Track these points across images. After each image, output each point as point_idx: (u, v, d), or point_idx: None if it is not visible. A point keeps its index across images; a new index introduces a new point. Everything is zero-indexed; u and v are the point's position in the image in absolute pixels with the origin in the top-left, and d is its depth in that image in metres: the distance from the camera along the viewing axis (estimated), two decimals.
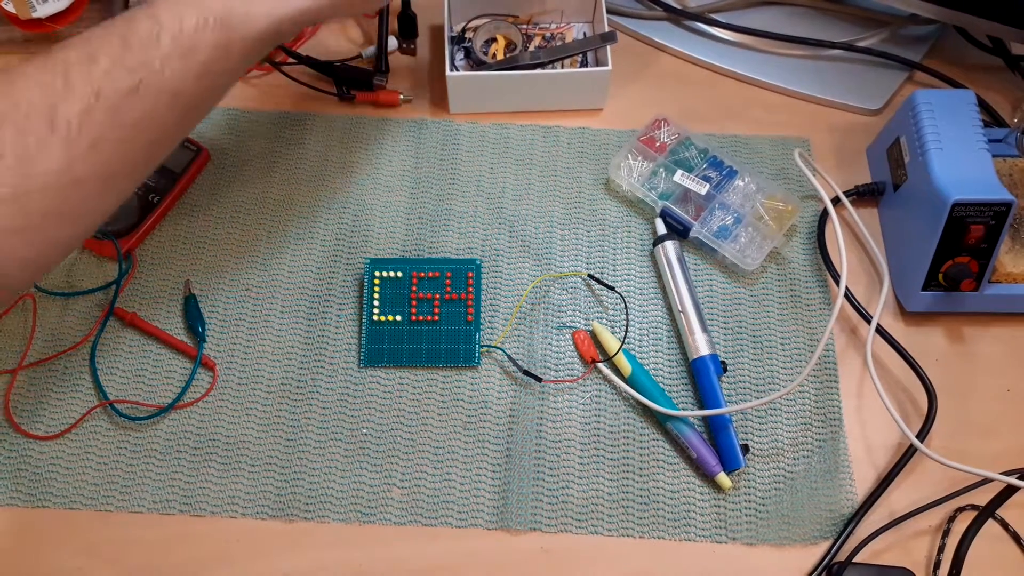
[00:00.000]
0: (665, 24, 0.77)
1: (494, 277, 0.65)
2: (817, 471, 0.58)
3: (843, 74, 0.74)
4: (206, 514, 0.56)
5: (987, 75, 0.75)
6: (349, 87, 0.72)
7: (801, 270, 0.65)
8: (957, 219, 0.58)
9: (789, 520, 0.56)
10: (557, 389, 0.60)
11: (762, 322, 0.63)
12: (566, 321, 0.63)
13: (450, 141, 0.71)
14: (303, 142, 0.70)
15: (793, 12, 0.77)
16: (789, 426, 0.60)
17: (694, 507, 0.57)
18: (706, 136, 0.70)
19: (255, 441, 0.58)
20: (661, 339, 0.62)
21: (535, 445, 0.59)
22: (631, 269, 0.65)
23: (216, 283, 0.64)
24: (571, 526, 0.56)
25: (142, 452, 0.58)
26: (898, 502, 0.57)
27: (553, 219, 0.67)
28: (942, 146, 0.60)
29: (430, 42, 0.76)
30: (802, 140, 0.71)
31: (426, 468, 0.58)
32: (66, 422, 0.58)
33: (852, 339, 0.63)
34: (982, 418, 0.60)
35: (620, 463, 0.58)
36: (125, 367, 0.61)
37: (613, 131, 0.71)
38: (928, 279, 0.60)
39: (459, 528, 0.56)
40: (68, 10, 0.70)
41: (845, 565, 0.54)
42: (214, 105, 0.51)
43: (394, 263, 0.64)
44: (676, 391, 0.61)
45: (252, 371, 0.61)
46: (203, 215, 0.67)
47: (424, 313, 0.62)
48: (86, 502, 0.56)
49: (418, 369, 0.61)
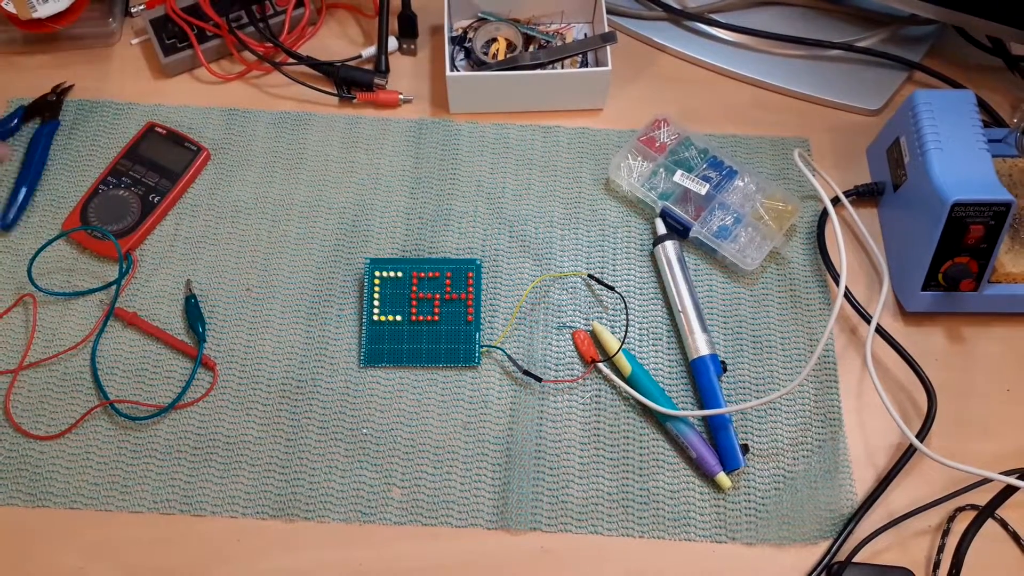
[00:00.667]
0: (665, 24, 0.77)
1: (494, 277, 0.65)
2: (817, 471, 0.58)
3: (843, 74, 0.74)
4: (206, 514, 0.56)
5: (987, 75, 0.75)
6: (349, 87, 0.72)
7: (801, 270, 0.65)
8: (957, 219, 0.58)
9: (789, 520, 0.56)
10: (557, 389, 0.60)
11: (762, 322, 0.63)
12: (566, 321, 0.63)
13: (450, 141, 0.71)
14: (303, 142, 0.70)
15: (793, 12, 0.77)
16: (789, 426, 0.60)
17: (694, 507, 0.57)
18: (706, 136, 0.70)
19: (255, 441, 0.58)
20: (661, 339, 0.63)
21: (535, 445, 0.59)
22: (631, 269, 0.65)
23: (216, 283, 0.64)
24: (571, 526, 0.56)
25: (142, 452, 0.58)
26: (898, 502, 0.57)
27: (553, 219, 0.67)
28: (942, 146, 0.60)
29: (430, 42, 0.76)
30: (802, 140, 0.71)
31: (426, 468, 0.58)
32: (66, 422, 0.58)
33: (852, 339, 0.63)
34: (982, 418, 0.60)
35: (620, 463, 0.58)
36: (125, 367, 0.61)
37: (613, 131, 0.71)
38: (928, 279, 0.60)
39: (459, 528, 0.56)
40: (68, 10, 0.70)
41: (845, 565, 0.54)
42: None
43: (394, 263, 0.64)
44: (676, 391, 0.61)
45: (252, 371, 0.61)
46: (203, 215, 0.67)
47: (424, 313, 0.62)
48: (86, 502, 0.56)
49: (418, 369, 0.61)
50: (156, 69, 0.73)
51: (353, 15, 0.78)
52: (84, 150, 0.69)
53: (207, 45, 0.72)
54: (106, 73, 0.73)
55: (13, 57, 0.74)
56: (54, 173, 0.68)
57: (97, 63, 0.74)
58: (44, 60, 0.74)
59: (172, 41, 0.72)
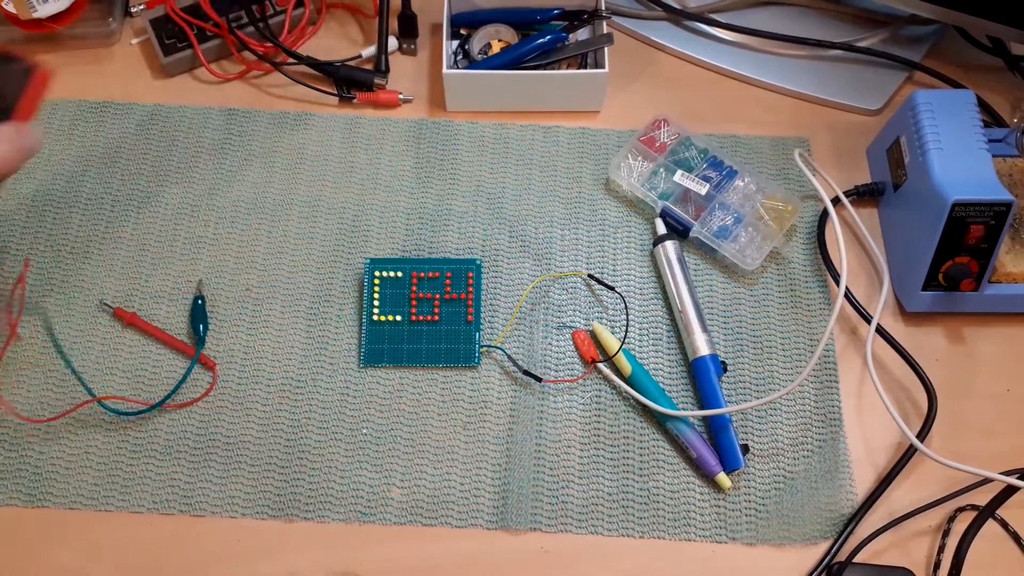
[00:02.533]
0: (665, 24, 0.77)
1: (494, 277, 0.64)
2: (817, 471, 0.58)
3: (843, 74, 0.74)
4: (206, 514, 0.56)
5: (987, 75, 0.75)
6: (349, 87, 0.72)
7: (801, 270, 0.65)
8: (957, 219, 0.58)
9: (789, 520, 0.56)
10: (557, 389, 0.60)
11: (762, 322, 0.63)
12: (566, 321, 0.63)
13: (450, 141, 0.71)
14: (303, 142, 0.70)
15: (793, 12, 0.77)
16: (789, 426, 0.60)
17: (694, 507, 0.57)
18: (706, 136, 0.70)
19: (255, 441, 0.58)
20: (661, 339, 0.62)
21: (535, 445, 0.59)
22: (631, 269, 0.65)
23: (216, 283, 0.64)
24: (571, 526, 0.56)
25: (142, 452, 0.58)
26: (898, 502, 0.57)
27: (553, 219, 0.67)
28: (942, 146, 0.60)
29: (430, 42, 0.76)
30: (802, 140, 0.71)
31: (426, 468, 0.58)
32: (64, 420, 0.58)
33: (852, 339, 0.63)
34: (982, 418, 0.60)
35: (620, 463, 0.58)
36: (125, 367, 0.61)
37: (613, 131, 0.71)
38: (928, 279, 0.60)
39: (459, 528, 0.56)
40: (68, 10, 0.70)
41: (845, 565, 0.54)
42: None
43: (394, 263, 0.64)
44: (676, 391, 0.61)
45: (252, 371, 0.61)
46: (203, 215, 0.67)
47: (424, 313, 0.62)
48: (86, 502, 0.56)
49: (418, 369, 0.61)
50: (156, 69, 0.73)
51: (353, 15, 0.78)
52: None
53: (207, 45, 0.72)
54: (106, 73, 0.73)
55: None
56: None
57: (97, 63, 0.74)
58: (44, 60, 0.73)
59: (172, 41, 0.72)
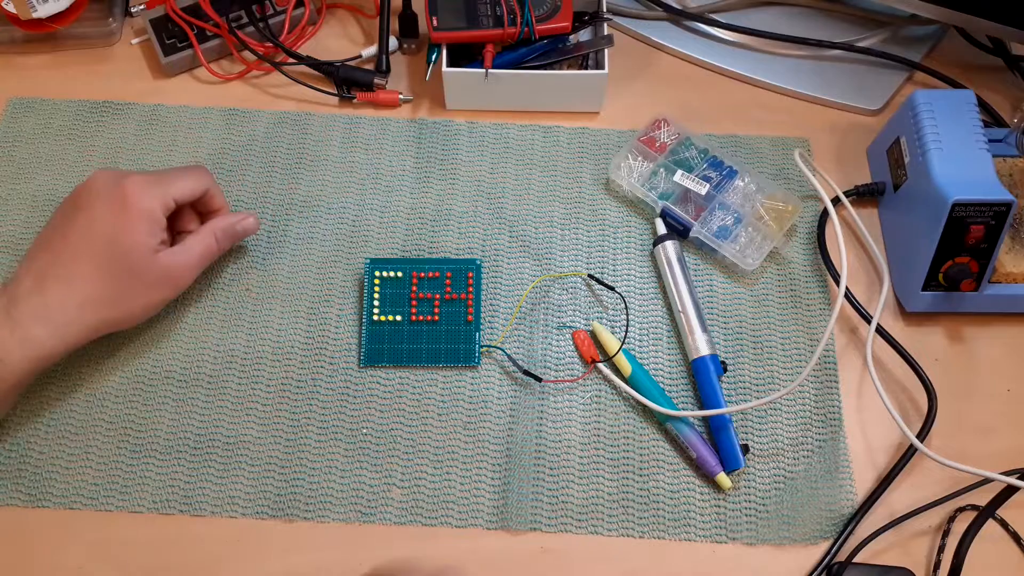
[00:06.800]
0: (665, 24, 0.77)
1: (494, 277, 0.64)
2: (817, 471, 0.58)
3: (843, 74, 0.74)
4: (206, 514, 0.56)
5: (987, 75, 0.75)
6: (349, 87, 0.72)
7: (801, 270, 0.65)
8: (957, 219, 0.58)
9: (789, 520, 0.56)
10: (557, 389, 0.60)
11: (762, 322, 0.63)
12: (566, 321, 0.63)
13: (450, 141, 0.71)
14: (303, 142, 0.70)
15: (793, 12, 0.77)
16: (789, 426, 0.60)
17: (694, 507, 0.57)
18: (706, 136, 0.70)
19: (255, 441, 0.58)
20: (661, 339, 0.62)
21: (535, 445, 0.59)
22: (631, 269, 0.65)
23: (216, 283, 0.64)
24: (571, 526, 0.56)
25: (142, 452, 0.58)
26: (898, 502, 0.57)
27: (553, 219, 0.67)
28: (942, 146, 0.60)
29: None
30: (802, 140, 0.71)
31: (426, 468, 0.58)
32: (64, 420, 0.58)
33: (852, 339, 0.63)
34: (982, 418, 0.60)
35: (620, 463, 0.58)
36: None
37: (613, 131, 0.71)
38: (928, 279, 0.60)
39: (459, 528, 0.56)
40: (68, 10, 0.70)
41: (845, 565, 0.54)
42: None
43: (394, 263, 0.63)
44: (676, 391, 0.61)
45: (252, 371, 0.61)
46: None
47: (424, 313, 0.62)
48: (86, 502, 0.56)
49: (418, 369, 0.61)
50: (156, 69, 0.73)
51: (353, 15, 0.78)
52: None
53: (207, 45, 0.72)
54: (106, 73, 0.73)
55: (13, 57, 0.74)
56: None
57: (97, 63, 0.74)
58: (44, 60, 0.74)
59: (172, 41, 0.72)
